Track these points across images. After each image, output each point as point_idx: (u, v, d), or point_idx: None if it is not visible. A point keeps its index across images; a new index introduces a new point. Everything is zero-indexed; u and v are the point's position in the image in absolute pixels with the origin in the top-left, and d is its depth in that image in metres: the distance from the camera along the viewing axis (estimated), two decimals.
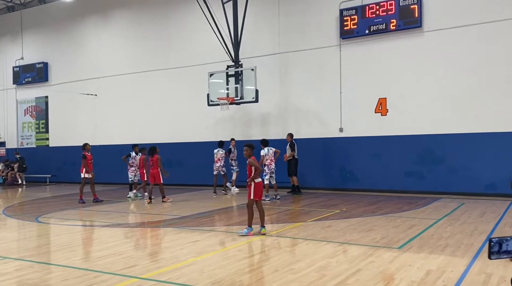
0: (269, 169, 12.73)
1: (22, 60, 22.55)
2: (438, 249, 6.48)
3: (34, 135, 22.50)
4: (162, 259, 6.26)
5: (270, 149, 12.85)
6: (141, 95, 19.01)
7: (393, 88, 13.99)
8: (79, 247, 7.39)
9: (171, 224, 9.22)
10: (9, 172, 21.34)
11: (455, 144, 13.10)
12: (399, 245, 6.80)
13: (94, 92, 20.24)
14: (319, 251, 6.54)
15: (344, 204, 11.59)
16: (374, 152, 14.31)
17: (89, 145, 13.57)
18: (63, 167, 21.14)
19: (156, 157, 13.06)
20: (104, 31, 20.14)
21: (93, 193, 13.19)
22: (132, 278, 5.34)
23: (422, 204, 11.35)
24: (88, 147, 13.35)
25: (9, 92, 23.20)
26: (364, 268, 5.54)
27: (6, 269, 5.87)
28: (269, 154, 12.75)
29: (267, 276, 5.29)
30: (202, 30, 16.49)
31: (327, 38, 14.99)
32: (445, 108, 13.27)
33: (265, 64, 15.72)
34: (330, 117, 14.99)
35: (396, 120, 13.95)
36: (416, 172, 13.65)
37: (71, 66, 21.00)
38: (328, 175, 15.05)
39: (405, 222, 8.77)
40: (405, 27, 13.62)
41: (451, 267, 5.51)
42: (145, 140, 18.56)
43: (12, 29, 22.95)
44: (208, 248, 6.92)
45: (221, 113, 15.76)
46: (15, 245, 7.74)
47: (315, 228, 8.37)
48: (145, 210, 11.63)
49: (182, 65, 17.85)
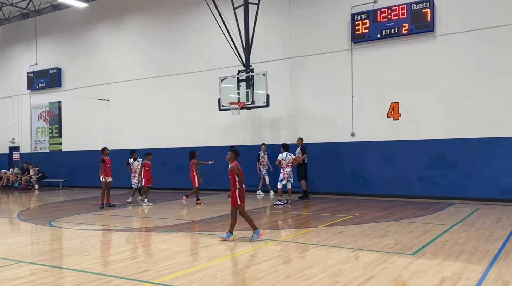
0: (286, 174, 12.69)
1: (36, 66, 22.90)
2: (453, 256, 6.39)
3: (48, 140, 22.77)
4: (175, 264, 6.27)
5: (289, 154, 12.81)
6: (153, 100, 19.14)
7: (406, 93, 13.89)
8: (92, 251, 7.44)
9: (183, 229, 9.24)
10: (24, 175, 21.59)
11: (469, 148, 12.94)
12: (413, 251, 6.72)
13: (107, 97, 20.44)
14: (331, 257, 6.49)
15: (356, 209, 11.50)
16: (386, 156, 14.21)
17: (108, 149, 13.55)
18: (76, 171, 21.34)
19: (192, 161, 13.57)
20: (117, 37, 20.35)
21: (107, 198, 13.24)
22: (145, 282, 5.35)
23: (436, 210, 11.22)
24: (107, 151, 13.36)
25: (23, 98, 23.54)
26: (377, 275, 5.48)
27: (21, 273, 5.92)
28: (286, 158, 12.70)
29: (280, 282, 5.27)
30: (213, 35, 16.58)
31: (339, 43, 14.96)
32: (459, 112, 13.13)
33: (276, 69, 15.74)
34: (341, 121, 14.92)
35: (408, 124, 13.84)
36: (429, 176, 13.50)
37: (84, 72, 21.25)
38: (340, 180, 14.97)
39: (419, 228, 8.67)
40: (417, 31, 13.53)
41: (467, 274, 5.43)
42: (157, 145, 18.70)
43: (26, 36, 23.32)
44: (221, 253, 6.92)
45: (232, 118, 15.79)
46: (29, 249, 7.81)
47: (328, 233, 8.32)
48: (158, 214, 11.67)
49: (194, 71, 17.95)
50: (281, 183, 12.75)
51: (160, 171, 18.75)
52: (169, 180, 18.31)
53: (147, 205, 13.47)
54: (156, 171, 18.79)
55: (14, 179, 22.00)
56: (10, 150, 24.20)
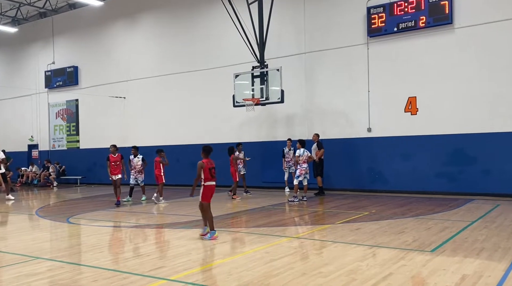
0: (303, 170, 12.61)
1: (53, 65, 23.20)
2: (474, 253, 6.24)
3: (65, 138, 23.07)
4: (189, 260, 6.26)
5: (305, 151, 12.73)
6: (168, 97, 19.22)
7: (424, 87, 13.64)
8: (108, 248, 7.48)
9: (198, 225, 9.24)
10: (42, 172, 21.91)
11: (489, 143, 12.65)
12: (431, 248, 6.58)
13: (123, 95, 20.60)
14: (348, 254, 6.40)
15: (373, 206, 11.35)
16: (403, 152, 13.99)
17: (114, 146, 13.17)
18: (93, 168, 21.58)
19: (231, 157, 13.76)
20: (132, 34, 20.47)
21: (117, 195, 12.96)
22: (161, 279, 5.35)
23: (455, 206, 11.00)
24: (112, 149, 13.04)
25: (41, 96, 23.90)
26: (395, 272, 5.37)
27: (39, 269, 5.99)
28: (304, 155, 12.62)
29: (295, 279, 5.20)
30: (228, 31, 16.54)
31: (354, 37, 14.76)
32: (477, 106, 12.84)
33: (291, 65, 15.61)
34: (357, 117, 14.74)
35: (426, 119, 13.59)
36: (447, 172, 13.25)
37: (100, 70, 21.44)
38: (356, 176, 14.81)
39: (437, 224, 8.51)
40: (435, 24, 13.26)
41: (488, 272, 5.28)
42: (172, 142, 18.78)
43: (44, 35, 23.63)
44: (236, 250, 6.88)
45: (247, 114, 15.73)
46: (47, 246, 7.90)
47: (344, 230, 8.22)
48: (173, 211, 11.71)
49: (208, 67, 17.95)
50: (298, 179, 12.67)
51: (175, 168, 18.82)
52: (183, 176, 18.33)
53: (162, 202, 13.36)
54: (170, 168, 18.89)
55: (33, 176, 22.37)
56: (29, 147, 24.62)
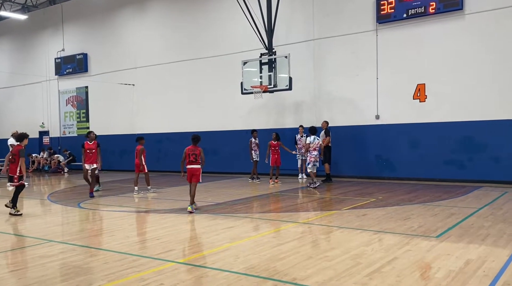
0: (313, 157, 12.65)
1: (63, 52, 23.35)
2: (479, 239, 6.29)
3: (76, 125, 23.32)
4: (198, 244, 6.39)
5: (316, 138, 12.76)
6: (176, 85, 19.29)
7: (433, 74, 13.54)
8: (118, 232, 7.64)
9: (206, 211, 9.38)
10: (50, 158, 22.22)
11: (497, 130, 12.58)
12: (437, 234, 6.64)
13: (132, 82, 20.71)
14: (354, 239, 6.49)
15: (380, 193, 11.40)
16: (412, 139, 13.97)
17: (93, 133, 12.39)
18: (104, 155, 21.37)
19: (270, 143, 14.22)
20: (141, 21, 20.50)
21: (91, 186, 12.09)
22: (170, 262, 5.49)
23: (462, 193, 11.02)
24: (92, 135, 12.25)
25: (51, 83, 24.11)
26: (400, 257, 5.45)
27: (52, 252, 6.16)
28: (314, 142, 12.66)
29: (301, 262, 5.31)
30: (236, 18, 16.50)
31: (363, 23, 14.65)
32: (487, 94, 12.74)
33: (299, 51, 15.57)
34: (366, 104, 14.71)
35: (435, 106, 13.52)
36: (456, 160, 13.22)
37: (110, 57, 21.55)
38: (364, 163, 14.83)
39: (444, 211, 8.55)
40: (445, 10, 13.10)
41: (492, 257, 5.34)
42: (180, 129, 18.91)
43: (53, 22, 23.75)
44: (243, 234, 7.00)
45: (255, 101, 15.75)
46: (59, 229, 8.09)
47: (350, 216, 8.30)
48: (182, 196, 11.86)
49: (217, 54, 17.95)
50: (309, 166, 12.78)
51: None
52: None
53: (152, 192, 12.63)
54: (180, 155, 19.08)
55: (44, 162, 22.71)
56: (40, 134, 24.93)
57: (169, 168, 19.15)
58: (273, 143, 14.25)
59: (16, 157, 9.25)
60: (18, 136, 9.74)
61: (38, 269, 5.33)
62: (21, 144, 9.48)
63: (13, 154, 9.32)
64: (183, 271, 5.12)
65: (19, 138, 9.60)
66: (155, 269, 5.22)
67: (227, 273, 4.96)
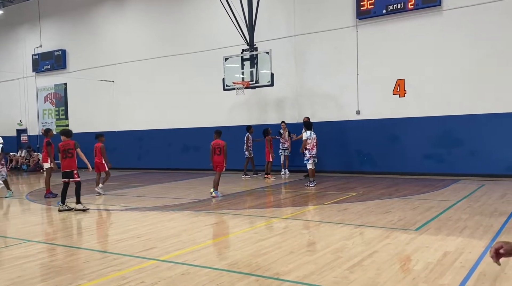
0: (310, 154, 11.96)
1: (40, 48, 22.87)
2: (456, 231, 6.42)
3: (55, 122, 22.91)
4: (180, 241, 6.36)
5: (313, 133, 12.11)
6: (157, 81, 19.10)
7: (412, 69, 13.73)
8: (98, 230, 7.55)
9: (188, 208, 9.34)
10: (31, 156, 21.82)
11: (475, 125, 12.84)
12: (416, 227, 6.75)
13: (112, 79, 20.43)
14: (335, 233, 6.55)
15: (361, 187, 11.53)
16: (392, 134, 14.15)
17: (52, 131, 12.09)
18: (83, 153, 21.42)
19: (266, 138, 14.49)
20: (120, 17, 20.21)
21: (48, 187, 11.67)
22: (151, 260, 5.45)
23: (441, 186, 11.22)
24: (51, 133, 12.09)
25: (29, 80, 23.61)
26: (380, 250, 5.53)
27: (29, 252, 6.05)
28: (311, 137, 12.01)
29: (283, 257, 5.34)
30: (217, 14, 16.39)
31: (343, 19, 14.74)
32: (465, 89, 12.98)
33: (281, 47, 15.58)
34: (346, 100, 14.83)
35: (414, 101, 13.72)
36: (435, 154, 13.45)
37: (89, 53, 21.20)
38: (345, 158, 14.97)
39: (423, 204, 8.70)
40: (424, 5, 13.28)
41: (469, 249, 5.46)
42: (162, 126, 18.76)
43: (30, 17, 23.22)
44: (225, 231, 7.00)
45: (237, 98, 15.73)
46: (38, 229, 7.96)
47: (332, 210, 8.37)
48: (164, 194, 11.79)
49: (198, 50, 17.82)
50: (309, 162, 12.08)
51: (166, 152, 18.89)
52: (174, 160, 18.44)
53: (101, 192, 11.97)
54: (161, 152, 18.99)
55: (22, 161, 22.26)
56: (18, 132, 24.42)
57: (150, 166, 19.01)
58: (270, 137, 14.60)
59: (72, 151, 9.40)
60: (66, 132, 9.81)
61: (15, 270, 5.23)
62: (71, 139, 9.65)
63: (68, 149, 9.41)
64: (165, 268, 5.09)
65: (68, 134, 9.74)
66: (136, 267, 5.18)
67: (209, 270, 4.95)
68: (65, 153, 9.47)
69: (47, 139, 11.96)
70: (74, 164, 9.54)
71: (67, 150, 9.48)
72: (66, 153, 9.47)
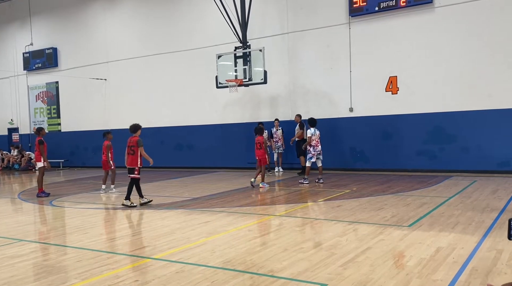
0: (315, 151, 11.89)
1: (31, 46, 22.66)
2: (449, 227, 6.47)
3: (46, 121, 22.73)
4: (174, 239, 6.35)
5: (317, 130, 12.02)
6: (150, 79, 19.02)
7: (404, 66, 13.78)
8: (92, 229, 7.51)
9: (182, 206, 9.33)
10: (22, 155, 21.66)
11: (467, 121, 12.93)
12: (409, 223, 6.80)
13: (104, 77, 20.31)
14: (328, 230, 6.57)
15: (354, 184, 11.58)
16: (385, 131, 14.21)
17: (44, 130, 11.98)
18: (76, 151, 21.38)
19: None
20: (112, 15, 20.08)
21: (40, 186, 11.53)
22: (145, 258, 5.43)
23: (434, 182, 11.29)
24: (44, 132, 11.89)
25: (20, 78, 23.39)
26: (373, 246, 5.56)
27: (23, 251, 6.01)
28: (316, 134, 11.91)
29: (277, 255, 5.35)
30: (210, 11, 16.35)
31: (336, 16, 14.75)
32: (457, 85, 13.06)
33: (274, 45, 15.58)
34: (339, 97, 14.86)
35: (407, 98, 13.78)
36: (427, 150, 13.54)
37: (80, 51, 21.04)
38: (338, 155, 15.00)
39: (416, 201, 8.75)
40: (416, 3, 13.33)
41: (462, 244, 5.50)
42: (155, 124, 18.69)
43: (20, 15, 22.99)
44: (219, 229, 7.00)
45: (230, 95, 15.70)
46: (31, 228, 7.90)
47: (325, 207, 8.40)
48: (158, 192, 11.75)
49: (190, 48, 17.77)
50: (310, 161, 12.00)
51: (159, 150, 18.80)
52: (168, 158, 18.37)
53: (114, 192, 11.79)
54: (154, 150, 18.88)
55: (14, 160, 22.08)
56: (9, 131, 24.21)
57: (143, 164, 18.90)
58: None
59: (135, 148, 9.35)
60: (130, 127, 9.72)
61: (7, 270, 5.19)
62: (137, 134, 9.57)
63: (131, 146, 9.41)
64: (159, 267, 5.08)
65: (132, 129, 9.64)
66: (130, 265, 5.17)
67: (203, 268, 4.95)
68: (129, 149, 9.50)
69: (39, 138, 11.70)
70: (136, 161, 9.44)
71: (130, 146, 9.49)
72: (129, 149, 9.50)
